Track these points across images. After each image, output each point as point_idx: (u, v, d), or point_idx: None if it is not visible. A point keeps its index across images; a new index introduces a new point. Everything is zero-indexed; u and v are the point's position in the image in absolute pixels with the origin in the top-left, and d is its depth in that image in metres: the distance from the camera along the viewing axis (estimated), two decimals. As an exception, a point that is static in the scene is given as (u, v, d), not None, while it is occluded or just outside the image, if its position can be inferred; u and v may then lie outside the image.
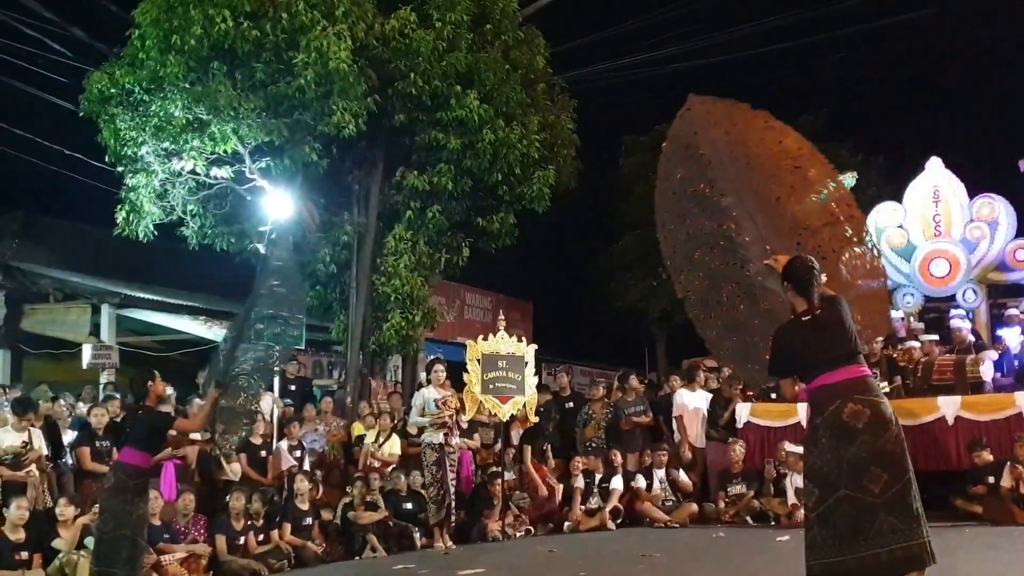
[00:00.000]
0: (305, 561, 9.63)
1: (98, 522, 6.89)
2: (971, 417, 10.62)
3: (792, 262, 5.05)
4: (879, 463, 4.64)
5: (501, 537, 10.85)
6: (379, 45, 13.21)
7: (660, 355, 25.46)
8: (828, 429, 4.78)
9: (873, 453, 4.65)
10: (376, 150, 14.53)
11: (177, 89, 12.09)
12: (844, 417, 4.72)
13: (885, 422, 4.71)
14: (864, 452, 4.65)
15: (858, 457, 4.66)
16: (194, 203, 13.51)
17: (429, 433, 10.47)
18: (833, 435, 4.75)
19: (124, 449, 6.93)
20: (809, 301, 4.95)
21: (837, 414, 4.75)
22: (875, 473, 4.62)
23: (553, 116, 15.44)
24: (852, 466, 4.66)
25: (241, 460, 10.50)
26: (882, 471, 4.62)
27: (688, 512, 11.52)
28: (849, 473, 4.66)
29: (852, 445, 4.68)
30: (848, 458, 4.67)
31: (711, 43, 19.54)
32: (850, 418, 4.71)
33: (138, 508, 6.75)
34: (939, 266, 14.08)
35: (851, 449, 4.68)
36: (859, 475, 4.64)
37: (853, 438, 4.68)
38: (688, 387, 12.73)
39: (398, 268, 13.95)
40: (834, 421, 4.75)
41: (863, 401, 4.73)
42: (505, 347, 11.45)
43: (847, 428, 4.71)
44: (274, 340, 7.39)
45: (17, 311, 15.36)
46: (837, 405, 4.76)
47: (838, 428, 4.74)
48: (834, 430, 4.75)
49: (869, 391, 4.80)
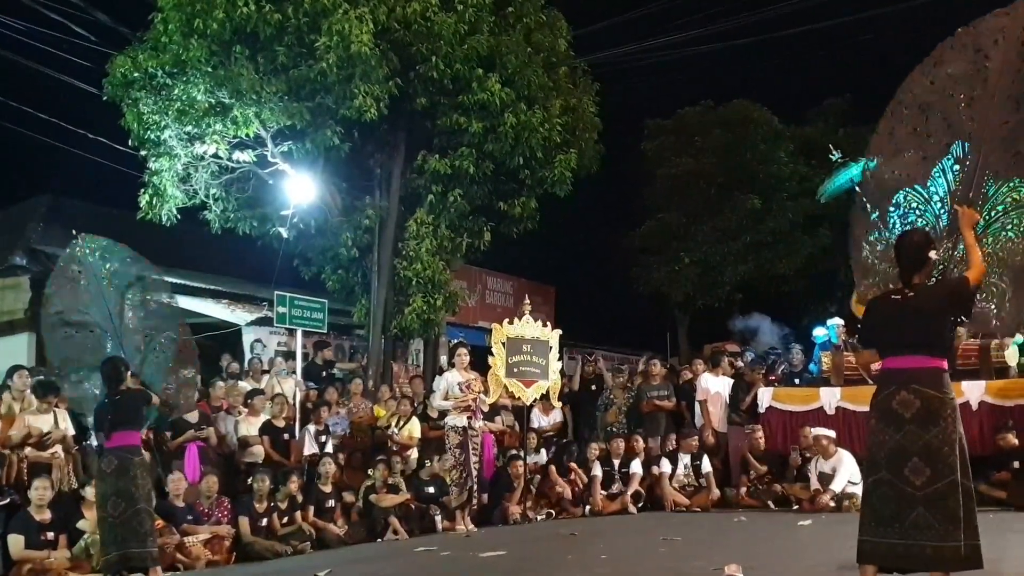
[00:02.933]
0: (327, 543, 9.69)
1: (107, 508, 6.95)
2: (996, 402, 10.53)
3: (901, 236, 5.03)
4: (923, 456, 4.60)
5: (522, 520, 10.88)
6: (401, 28, 13.19)
7: (682, 340, 25.38)
8: (878, 412, 4.80)
9: (919, 445, 4.61)
10: (398, 134, 14.53)
11: (200, 73, 12.14)
12: (894, 404, 4.71)
13: (935, 417, 4.65)
14: (908, 442, 4.63)
15: (901, 446, 4.64)
16: (216, 187, 13.59)
17: (452, 416, 10.48)
18: (881, 419, 4.76)
19: (116, 433, 7.09)
20: (905, 280, 4.90)
21: (889, 400, 4.74)
22: (917, 465, 4.59)
23: (575, 99, 15.40)
24: (894, 453, 4.65)
25: (264, 442, 10.57)
26: (925, 465, 4.59)
27: (710, 497, 11.50)
28: (890, 459, 4.66)
29: (897, 433, 4.66)
30: (891, 444, 4.67)
31: (735, 25, 19.38)
32: (899, 406, 4.69)
33: (145, 483, 7.05)
34: (964, 248, 13.92)
35: (896, 437, 4.66)
36: (900, 464, 4.62)
37: (899, 426, 4.67)
38: (712, 372, 12.67)
39: (420, 252, 13.97)
40: (885, 406, 4.76)
41: (918, 392, 4.68)
42: (530, 331, 11.44)
43: (895, 415, 4.70)
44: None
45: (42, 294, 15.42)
46: (892, 391, 4.75)
47: (887, 413, 4.74)
48: (883, 414, 4.76)
49: (931, 384, 4.71)
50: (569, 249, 26.34)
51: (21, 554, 7.89)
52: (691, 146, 23.81)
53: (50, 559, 7.96)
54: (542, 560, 8.27)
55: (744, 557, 6.79)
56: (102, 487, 7.10)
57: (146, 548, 6.84)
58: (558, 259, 25.37)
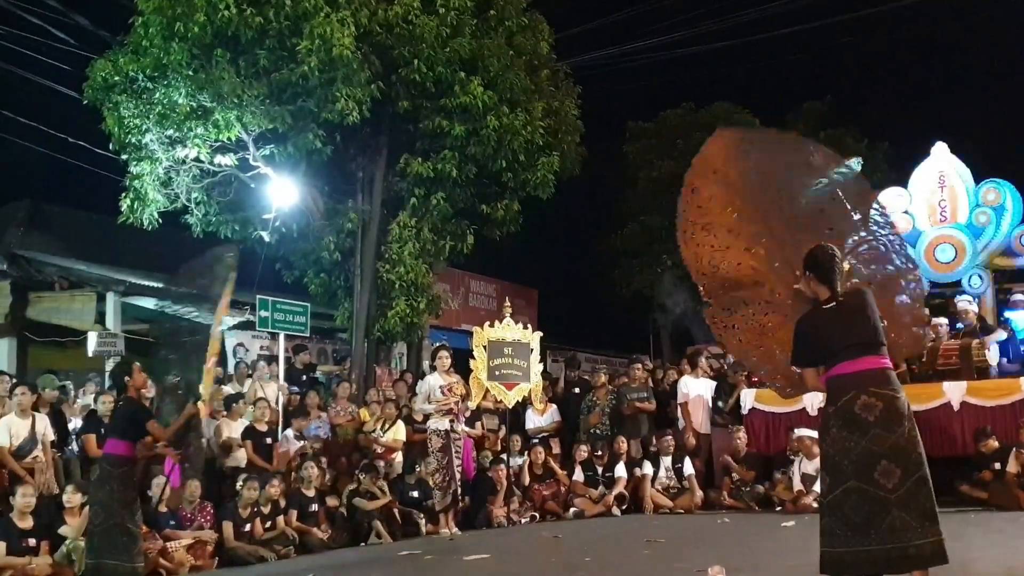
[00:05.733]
0: (311, 547, 9.66)
1: (90, 516, 6.93)
2: (977, 402, 10.60)
3: (813, 250, 5.00)
4: (892, 458, 4.57)
5: (506, 523, 10.88)
6: (382, 31, 13.18)
7: (665, 342, 25.44)
8: (839, 419, 4.72)
9: (885, 447, 4.58)
10: (380, 137, 14.52)
11: (181, 76, 12.08)
12: (856, 409, 4.66)
13: (898, 416, 4.63)
14: (875, 446, 4.59)
15: (868, 450, 4.60)
16: (198, 191, 13.53)
17: (435, 420, 10.49)
18: (844, 426, 4.69)
19: (108, 440, 7.04)
20: (831, 288, 4.90)
21: (849, 405, 4.69)
22: (887, 468, 4.56)
23: (557, 102, 15.42)
24: (862, 459, 4.60)
25: (247, 447, 10.53)
26: (895, 466, 4.56)
27: (693, 499, 11.53)
28: (858, 466, 4.61)
29: (863, 438, 4.62)
30: (857, 451, 4.62)
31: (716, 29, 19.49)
32: (862, 410, 4.65)
33: (126, 495, 6.77)
34: (945, 251, 14.03)
35: (861, 442, 4.62)
36: (869, 469, 4.58)
37: (864, 431, 4.62)
38: (692, 374, 12.70)
39: (402, 255, 13.95)
40: (846, 412, 4.70)
41: (877, 394, 4.66)
42: (511, 334, 11.45)
43: (858, 420, 4.65)
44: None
45: (23, 299, 15.34)
46: (851, 396, 4.70)
47: (849, 420, 4.68)
48: (845, 421, 4.69)
49: (886, 384, 4.71)
50: (552, 252, 26.37)
51: (3, 560, 7.84)
52: (673, 149, 23.85)
53: (32, 565, 7.92)
54: (526, 563, 8.29)
55: (727, 558, 6.82)
56: (88, 494, 7.08)
57: (120, 562, 6.65)
58: (541, 262, 25.39)
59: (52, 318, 15.38)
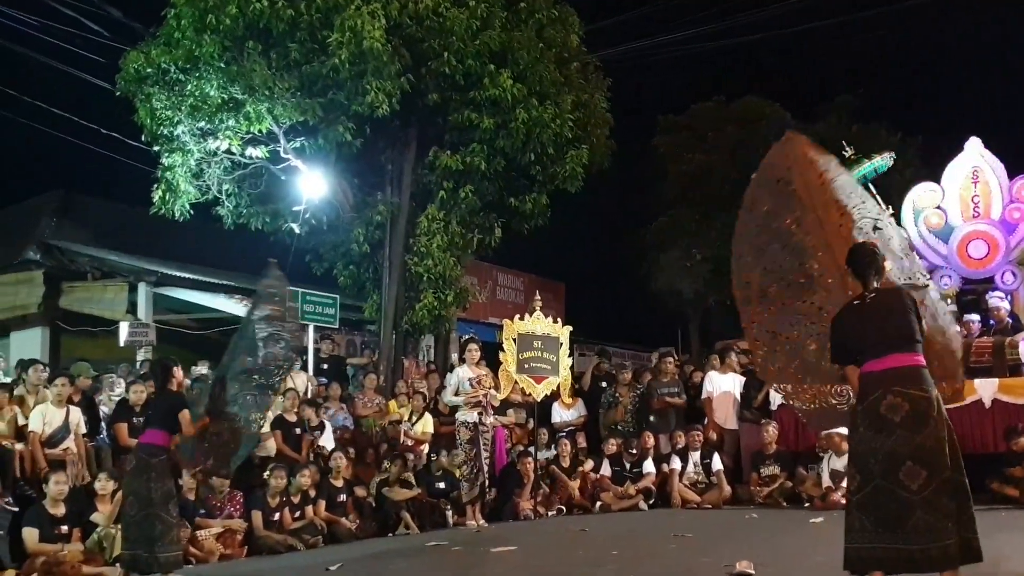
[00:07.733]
0: (339, 537, 9.70)
1: (124, 506, 7.00)
2: (1009, 400, 10.49)
3: (854, 247, 5.00)
4: (917, 459, 4.55)
5: (533, 516, 10.89)
6: (413, 24, 13.20)
7: (694, 337, 25.35)
8: (866, 418, 4.71)
9: (911, 448, 4.56)
10: (409, 130, 14.54)
11: (212, 69, 12.17)
12: (882, 410, 4.65)
13: (924, 417, 4.60)
14: (900, 447, 4.57)
15: (894, 451, 4.58)
16: (229, 182, 13.64)
17: (463, 412, 10.50)
18: (870, 425, 4.68)
19: (146, 431, 7.16)
20: (865, 284, 4.89)
21: (875, 405, 4.67)
22: (912, 469, 4.54)
23: (587, 95, 15.37)
24: (887, 459, 4.59)
25: (276, 436, 10.59)
26: (921, 468, 4.53)
27: (721, 494, 11.49)
28: (883, 466, 4.59)
29: (888, 439, 4.60)
30: (883, 451, 4.60)
31: (747, 21, 19.35)
32: (887, 411, 4.63)
33: (162, 485, 6.84)
34: (977, 247, 13.86)
35: (887, 442, 4.60)
36: (894, 469, 4.56)
37: (890, 432, 4.61)
38: (720, 369, 12.62)
39: (431, 248, 13.98)
40: (872, 411, 4.68)
41: (903, 394, 4.63)
42: (541, 327, 11.45)
43: (883, 421, 4.63)
44: (265, 382, 7.23)
45: (55, 289, 15.53)
46: (877, 396, 4.68)
47: (875, 419, 4.66)
48: (872, 420, 4.68)
49: (915, 382, 4.67)
50: (580, 245, 26.35)
51: (35, 547, 7.92)
52: (703, 142, 23.79)
53: (64, 552, 8.00)
54: (553, 556, 8.29)
55: (755, 554, 6.79)
56: (124, 484, 7.19)
57: (154, 553, 6.70)
58: (569, 255, 25.38)
59: (84, 308, 15.56)
